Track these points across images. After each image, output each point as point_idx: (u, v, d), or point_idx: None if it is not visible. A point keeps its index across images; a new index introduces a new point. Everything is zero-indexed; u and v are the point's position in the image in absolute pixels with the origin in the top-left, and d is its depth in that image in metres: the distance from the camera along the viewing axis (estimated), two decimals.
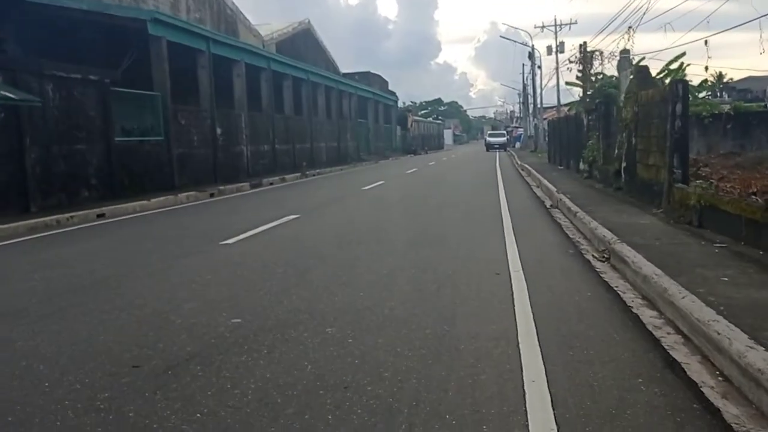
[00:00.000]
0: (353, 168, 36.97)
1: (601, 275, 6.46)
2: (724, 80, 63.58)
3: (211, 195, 19.40)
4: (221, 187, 20.65)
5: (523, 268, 6.66)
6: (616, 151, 13.54)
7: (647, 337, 4.43)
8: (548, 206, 13.01)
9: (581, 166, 19.89)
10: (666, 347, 4.27)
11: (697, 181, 9.85)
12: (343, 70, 57.67)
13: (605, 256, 7.34)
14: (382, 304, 5.32)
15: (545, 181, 17.23)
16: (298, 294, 5.80)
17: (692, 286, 5.16)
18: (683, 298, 4.79)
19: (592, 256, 7.54)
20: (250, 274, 6.86)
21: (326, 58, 52.74)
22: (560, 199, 12.60)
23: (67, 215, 12.99)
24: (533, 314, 4.89)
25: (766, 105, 32.62)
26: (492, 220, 10.88)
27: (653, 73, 36.12)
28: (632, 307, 5.29)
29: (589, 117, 18.00)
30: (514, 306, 5.18)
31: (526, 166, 27.34)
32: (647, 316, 5.03)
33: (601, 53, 26.62)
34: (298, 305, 5.39)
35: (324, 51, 52.73)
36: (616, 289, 5.88)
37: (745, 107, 26.47)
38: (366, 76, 60.35)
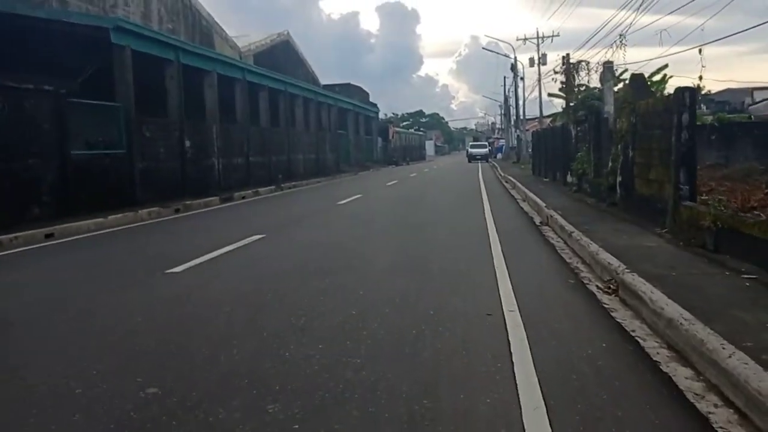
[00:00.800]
0: (332, 180, 35.89)
1: (611, 314, 5.39)
2: (703, 92, 63.46)
3: (176, 211, 18.17)
4: (188, 202, 19.41)
5: (518, 306, 5.56)
6: (610, 164, 12.55)
7: (691, 414, 3.34)
8: (538, 223, 11.98)
9: (569, 178, 18.94)
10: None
11: (703, 197, 8.86)
12: (326, 82, 56.69)
13: (612, 287, 6.29)
14: (345, 363, 4.18)
15: (532, 195, 16.23)
16: (241, 346, 4.64)
17: (734, 336, 4.09)
18: (730, 357, 3.71)
19: (597, 287, 6.48)
20: (190, 315, 5.70)
21: (306, 69, 51.69)
22: (551, 216, 11.57)
23: (10, 236, 11.72)
24: (539, 378, 3.78)
25: (750, 116, 32.06)
26: (478, 240, 9.81)
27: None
28: (660, 363, 4.21)
29: (578, 128, 17.05)
30: (512, 364, 4.07)
31: (510, 178, 26.41)
32: (682, 377, 3.94)
33: (587, 63, 25.73)
34: (238, 365, 4.23)
35: (303, 63, 51.67)
36: (633, 334, 4.80)
37: (729, 118, 25.82)
38: (347, 88, 59.44)
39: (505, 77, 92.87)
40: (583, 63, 26.11)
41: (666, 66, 34.29)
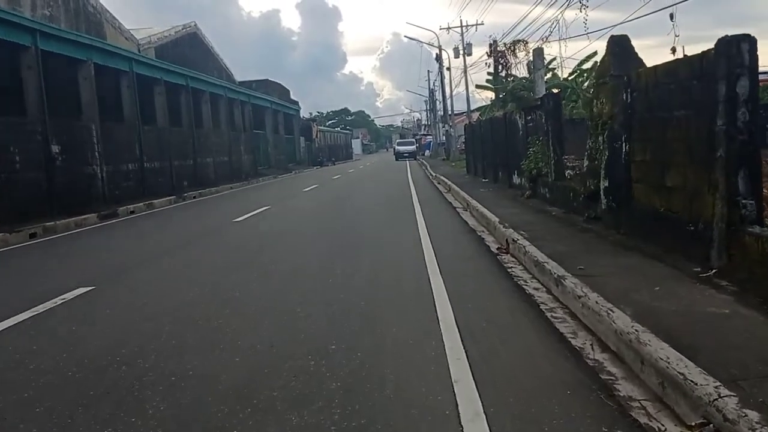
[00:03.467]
0: (246, 186, 31.88)
1: None
2: None
3: (32, 236, 14.04)
4: (52, 224, 15.22)
5: None
6: (586, 162, 9.25)
7: None
8: (495, 250, 8.54)
9: (516, 179, 15.70)
10: None
11: None
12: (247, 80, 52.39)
13: None
14: None
15: (475, 203, 12.86)
16: None
17: None
18: None
19: None
20: None
21: (218, 64, 47.18)
22: (513, 239, 8.15)
23: None
24: None
25: None
26: (415, 289, 6.27)
27: (561, 74, 32.60)
28: None
29: (528, 117, 13.74)
30: None
31: (443, 178, 23.12)
32: None
33: (525, 43, 22.61)
34: None
35: (215, 57, 47.11)
36: None
37: None
38: (264, 84, 55.13)
39: (429, 71, 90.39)
40: (521, 43, 22.99)
41: (596, 53, 31.80)
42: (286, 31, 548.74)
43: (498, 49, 36.81)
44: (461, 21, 51.97)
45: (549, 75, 32.76)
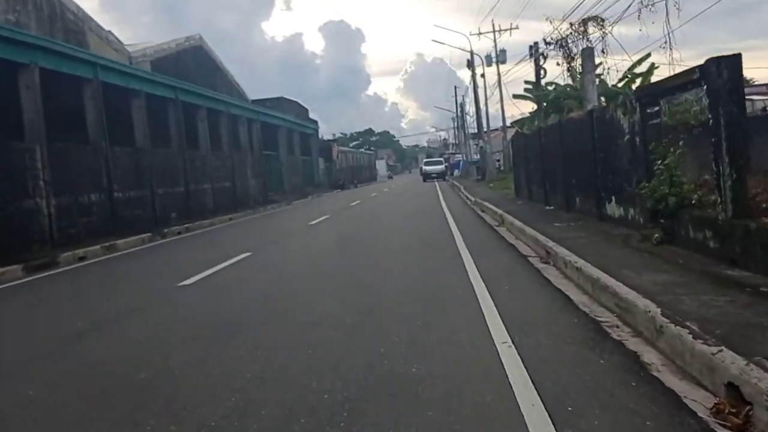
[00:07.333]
0: (250, 216, 27.04)
1: None
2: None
3: None
4: None
5: None
6: None
7: None
8: (707, 419, 3.23)
9: (614, 209, 10.35)
10: None
11: None
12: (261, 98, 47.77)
13: None
14: None
15: (568, 254, 7.60)
16: None
17: None
18: None
19: None
20: None
21: (226, 80, 42.50)
22: None
23: None
24: None
25: (766, 108, 25.00)
26: None
27: (609, 81, 26.95)
28: None
29: (652, 109, 8.37)
30: None
31: (488, 205, 17.84)
32: None
33: (602, 21, 17.19)
34: None
35: (224, 73, 42.45)
36: None
37: None
38: (279, 102, 50.46)
39: (456, 87, 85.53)
40: (594, 21, 17.51)
41: (649, 55, 26.29)
42: (310, 54, 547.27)
43: (538, 51, 31.68)
44: (494, 25, 46.71)
45: (596, 81, 27.64)
